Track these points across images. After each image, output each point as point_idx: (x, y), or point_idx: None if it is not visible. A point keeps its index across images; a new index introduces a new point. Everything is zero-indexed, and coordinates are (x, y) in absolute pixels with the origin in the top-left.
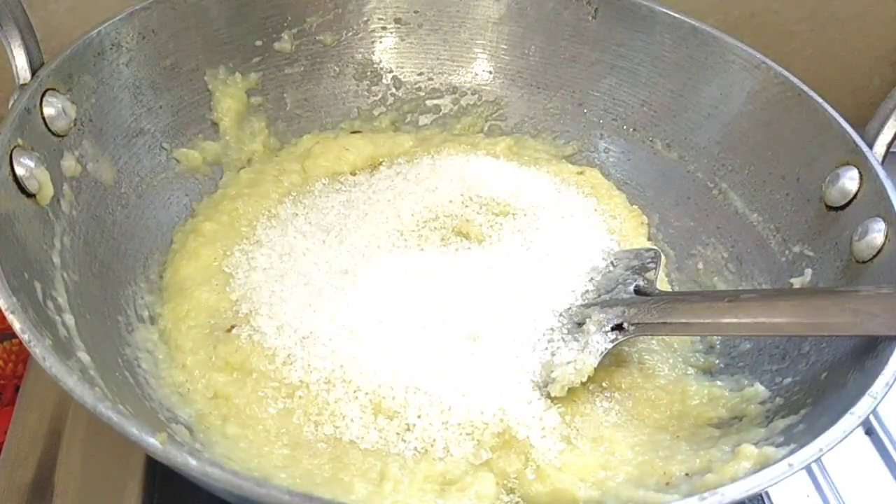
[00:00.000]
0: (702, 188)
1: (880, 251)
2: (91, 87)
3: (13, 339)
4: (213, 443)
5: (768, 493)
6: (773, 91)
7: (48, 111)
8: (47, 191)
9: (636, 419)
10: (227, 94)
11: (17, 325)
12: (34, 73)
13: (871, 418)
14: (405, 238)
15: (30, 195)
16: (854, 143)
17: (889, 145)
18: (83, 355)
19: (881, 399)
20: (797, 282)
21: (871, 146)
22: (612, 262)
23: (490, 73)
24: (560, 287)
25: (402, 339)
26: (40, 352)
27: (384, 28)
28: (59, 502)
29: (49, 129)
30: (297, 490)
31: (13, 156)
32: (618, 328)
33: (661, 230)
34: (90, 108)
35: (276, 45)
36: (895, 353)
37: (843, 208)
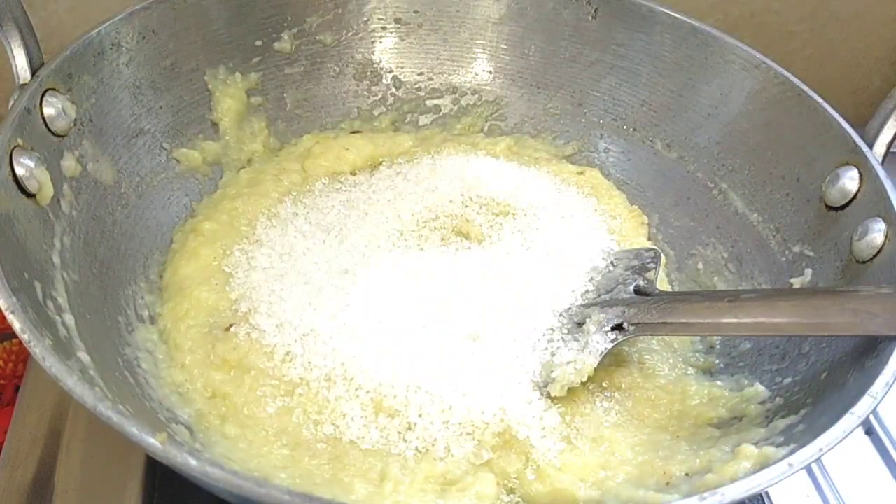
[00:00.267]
0: (702, 188)
1: (880, 251)
2: (91, 87)
3: (13, 339)
4: (212, 443)
5: (768, 493)
6: (773, 91)
7: (48, 111)
8: (47, 191)
9: (636, 419)
10: (227, 94)
11: (17, 325)
12: (34, 73)
13: (871, 418)
14: (405, 238)
15: (30, 195)
16: (854, 143)
17: (889, 145)
18: (83, 355)
19: (881, 399)
20: (797, 282)
21: (871, 146)
22: (612, 262)
23: (490, 73)
24: (560, 287)
25: (403, 339)
26: (40, 352)
27: (384, 28)
28: (59, 502)
29: (49, 129)
30: (297, 490)
31: (13, 156)
32: (618, 328)
33: (661, 230)
34: (90, 108)
35: (276, 45)
36: (895, 353)
37: (843, 208)
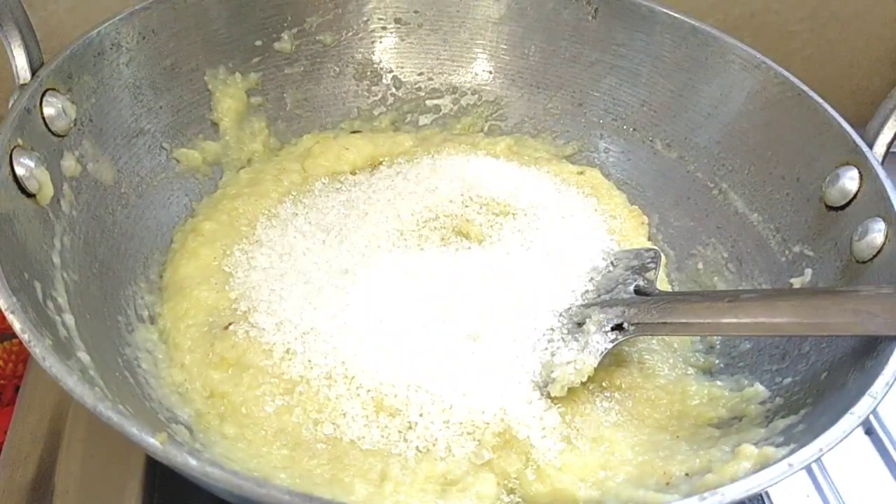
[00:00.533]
0: (702, 188)
1: (880, 251)
2: (91, 87)
3: (13, 339)
4: (212, 443)
5: (768, 493)
6: (773, 91)
7: (48, 111)
8: (47, 191)
9: (636, 419)
10: (227, 94)
11: (17, 325)
12: (34, 73)
13: (871, 418)
14: (405, 238)
15: (30, 195)
16: (854, 143)
17: (889, 145)
18: (83, 355)
19: (881, 399)
20: (797, 282)
21: (871, 146)
22: (612, 262)
23: (490, 73)
24: (560, 287)
25: (403, 338)
26: (40, 352)
27: (384, 28)
28: (59, 502)
29: (49, 129)
30: (297, 490)
31: (13, 156)
32: (618, 328)
33: (661, 230)
34: (90, 108)
35: (276, 45)
36: (895, 354)
37: (843, 208)
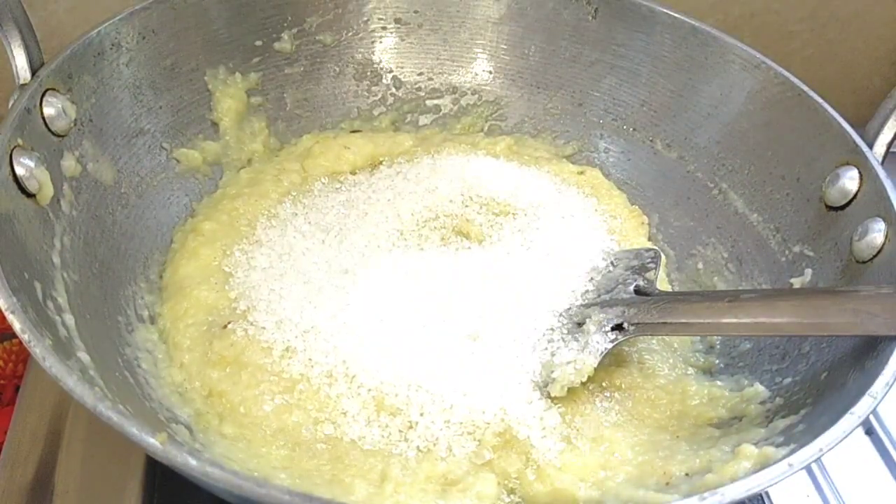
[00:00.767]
0: (702, 188)
1: (880, 251)
2: (91, 87)
3: (13, 339)
4: (212, 443)
5: (768, 493)
6: (773, 91)
7: (48, 111)
8: (47, 191)
9: (636, 419)
10: (227, 94)
11: (17, 325)
12: (34, 73)
13: (871, 418)
14: (405, 238)
15: (30, 195)
16: (854, 143)
17: (889, 145)
18: (83, 355)
19: (881, 399)
20: (797, 282)
21: (871, 146)
22: (612, 262)
23: (490, 73)
24: (560, 287)
25: (403, 338)
26: (40, 352)
27: (384, 28)
28: (59, 502)
29: (49, 129)
30: (297, 490)
31: (13, 156)
32: (618, 328)
33: (661, 230)
34: (90, 108)
35: (276, 45)
36: (895, 354)
37: (843, 208)
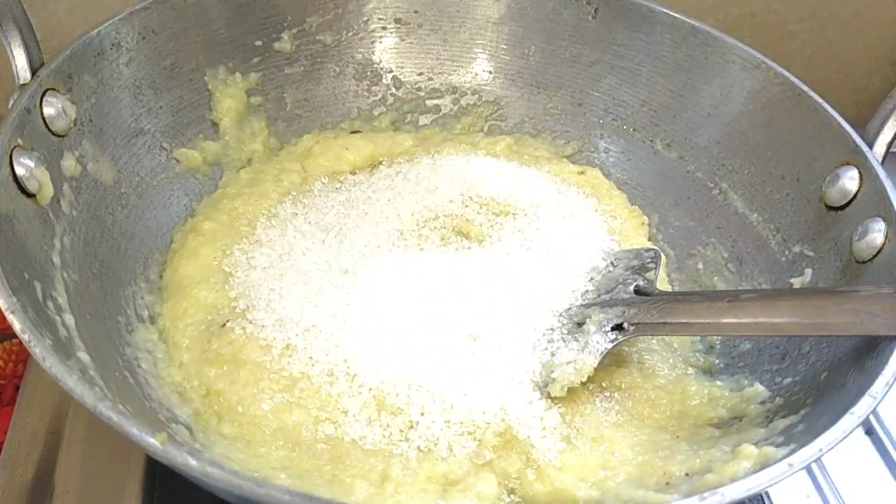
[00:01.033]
0: (702, 188)
1: (880, 251)
2: (91, 87)
3: (13, 339)
4: (212, 443)
5: (768, 493)
6: (773, 91)
7: (48, 111)
8: (47, 191)
9: (636, 419)
10: (227, 94)
11: (17, 325)
12: (34, 73)
13: (871, 418)
14: (405, 238)
15: (30, 195)
16: (854, 143)
17: (889, 145)
18: (83, 355)
19: (881, 399)
20: (797, 282)
21: (871, 146)
22: (611, 262)
23: (490, 73)
24: (560, 287)
25: (403, 338)
26: (40, 352)
27: (384, 28)
28: (59, 502)
29: (49, 129)
30: (297, 490)
31: (13, 156)
32: (618, 328)
33: (661, 230)
34: (90, 108)
35: (276, 45)
36: (895, 354)
37: (843, 208)
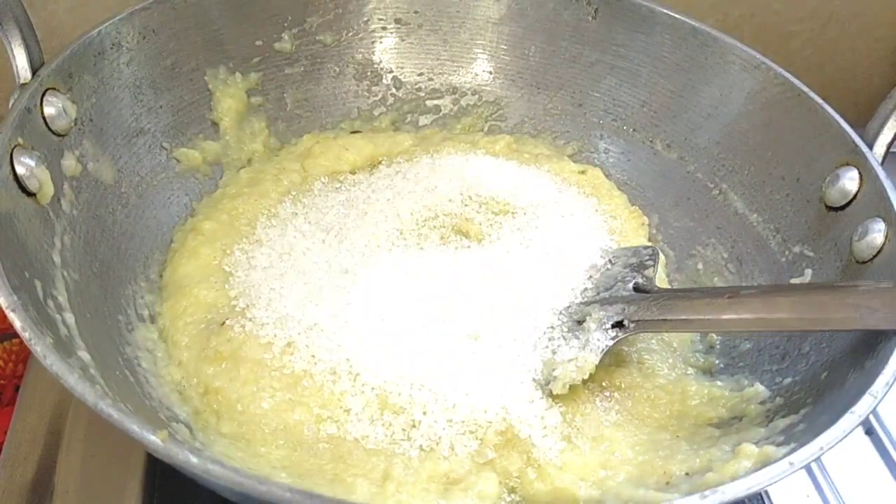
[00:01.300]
0: (702, 188)
1: (880, 251)
2: (91, 87)
3: (13, 339)
4: (211, 441)
5: (768, 492)
6: (773, 91)
7: (48, 110)
8: (48, 190)
9: (636, 419)
10: (228, 93)
11: (17, 324)
12: (35, 72)
13: (872, 418)
14: (405, 237)
15: (30, 194)
16: (854, 143)
17: (889, 145)
18: (83, 354)
19: (881, 398)
20: (797, 282)
21: (870, 146)
22: (610, 260)
23: (490, 73)
24: (560, 285)
25: (404, 338)
26: (41, 350)
27: (384, 28)
28: (59, 502)
29: (49, 129)
30: (298, 487)
31: (14, 155)
32: (618, 325)
33: (661, 230)
34: (90, 107)
35: (277, 46)
36: (895, 353)
37: (842, 209)
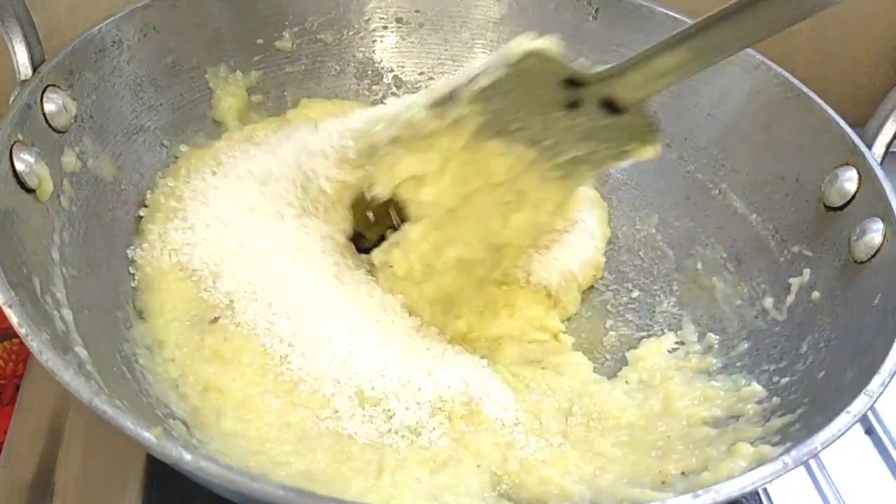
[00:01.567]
0: (701, 188)
1: (878, 251)
2: (92, 84)
3: (13, 339)
4: (210, 439)
5: (768, 492)
6: (773, 91)
7: (49, 107)
8: (47, 186)
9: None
10: (228, 92)
11: (14, 319)
12: (35, 69)
13: (871, 418)
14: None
15: (29, 190)
16: (853, 143)
17: (888, 146)
18: (81, 350)
19: (877, 398)
20: (795, 282)
21: (870, 146)
22: None
23: None
24: None
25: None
26: (37, 346)
27: (385, 27)
28: (59, 502)
29: (49, 125)
30: (291, 485)
31: (13, 151)
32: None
33: (661, 230)
34: (91, 104)
35: (277, 44)
36: (891, 353)
37: (841, 209)
